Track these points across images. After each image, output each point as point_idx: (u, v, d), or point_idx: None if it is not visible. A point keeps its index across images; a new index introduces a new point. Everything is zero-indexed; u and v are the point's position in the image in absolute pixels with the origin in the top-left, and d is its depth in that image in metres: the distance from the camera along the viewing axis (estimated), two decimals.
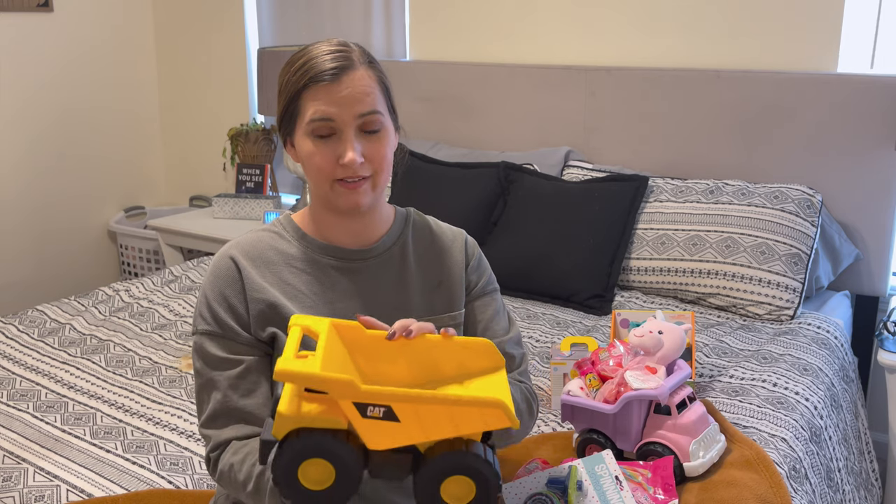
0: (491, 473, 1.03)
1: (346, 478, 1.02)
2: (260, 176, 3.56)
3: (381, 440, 1.02)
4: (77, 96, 3.68)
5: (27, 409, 1.95)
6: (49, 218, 3.65)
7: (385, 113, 1.26)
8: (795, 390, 1.97)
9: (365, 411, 1.00)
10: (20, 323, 2.43)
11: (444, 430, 1.02)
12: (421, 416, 1.00)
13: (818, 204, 2.48)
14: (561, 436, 1.74)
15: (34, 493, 1.60)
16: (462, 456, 1.03)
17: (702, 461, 1.56)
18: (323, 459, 1.01)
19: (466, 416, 1.01)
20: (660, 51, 2.84)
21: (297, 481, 1.02)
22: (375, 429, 1.01)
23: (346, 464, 1.02)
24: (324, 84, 1.21)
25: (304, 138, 1.25)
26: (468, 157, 2.98)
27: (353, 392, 0.99)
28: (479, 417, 1.01)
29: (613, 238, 2.55)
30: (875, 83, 2.49)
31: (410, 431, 1.01)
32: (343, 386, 0.99)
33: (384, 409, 1.00)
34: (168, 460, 1.72)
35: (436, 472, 1.03)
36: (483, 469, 1.03)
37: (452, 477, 1.03)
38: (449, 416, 1.01)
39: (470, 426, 1.02)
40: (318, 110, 1.22)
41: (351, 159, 1.21)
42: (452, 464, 1.03)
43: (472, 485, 1.03)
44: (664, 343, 1.63)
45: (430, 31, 3.27)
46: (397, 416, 1.00)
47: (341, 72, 1.22)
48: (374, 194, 1.27)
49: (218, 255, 1.32)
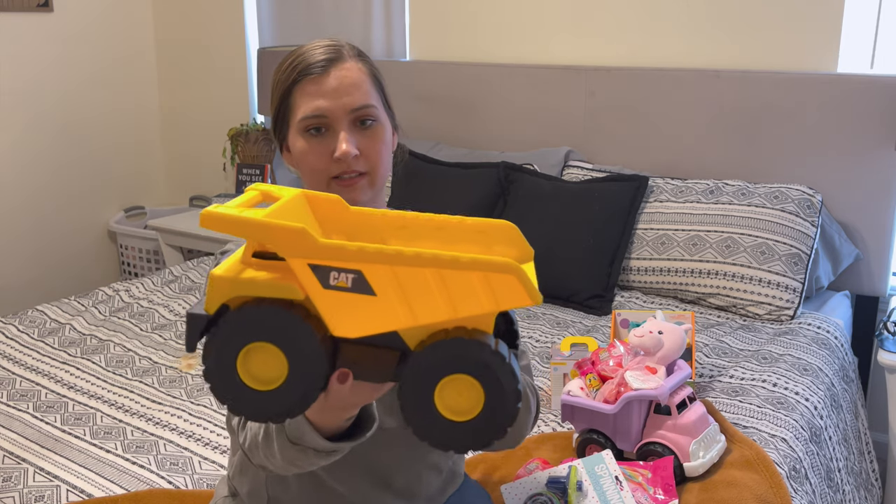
0: (505, 373, 0.73)
1: (302, 373, 0.75)
2: (260, 176, 3.56)
3: (349, 323, 0.74)
4: (77, 96, 3.68)
5: (27, 409, 1.95)
6: (49, 218, 3.64)
7: (379, 107, 1.24)
8: (795, 390, 1.97)
9: (327, 279, 0.73)
10: (20, 323, 2.43)
11: (437, 310, 0.73)
12: (404, 286, 0.73)
13: (818, 204, 2.48)
14: (561, 436, 1.74)
15: (34, 494, 1.60)
16: (461, 345, 0.73)
17: (702, 461, 1.56)
18: (271, 344, 0.74)
19: (466, 287, 0.72)
20: (660, 51, 2.84)
21: (235, 376, 0.75)
22: (342, 306, 0.73)
23: (303, 350, 0.74)
24: (313, 77, 1.20)
25: (297, 137, 1.22)
26: (468, 157, 2.98)
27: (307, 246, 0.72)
28: (484, 290, 0.72)
29: (613, 238, 2.55)
30: (875, 83, 2.49)
31: (391, 311, 0.73)
32: (292, 236, 0.72)
33: (353, 275, 0.72)
34: (168, 460, 1.72)
35: (426, 370, 0.74)
36: (493, 363, 0.73)
37: (451, 377, 0.74)
38: (443, 288, 0.73)
39: (473, 304, 0.73)
40: (309, 106, 1.19)
41: (344, 151, 1.18)
42: (448, 356, 0.74)
43: (478, 388, 0.74)
44: (664, 343, 1.63)
45: (430, 31, 3.27)
46: (371, 287, 0.73)
47: (330, 64, 1.20)
48: (371, 192, 1.24)
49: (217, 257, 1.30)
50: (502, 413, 0.75)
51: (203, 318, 0.76)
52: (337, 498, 1.24)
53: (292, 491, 1.25)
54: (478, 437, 0.76)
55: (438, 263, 0.72)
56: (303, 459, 0.99)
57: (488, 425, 0.75)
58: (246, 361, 0.75)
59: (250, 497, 1.28)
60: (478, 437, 0.76)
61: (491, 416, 0.75)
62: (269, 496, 1.27)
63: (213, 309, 0.76)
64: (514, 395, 0.74)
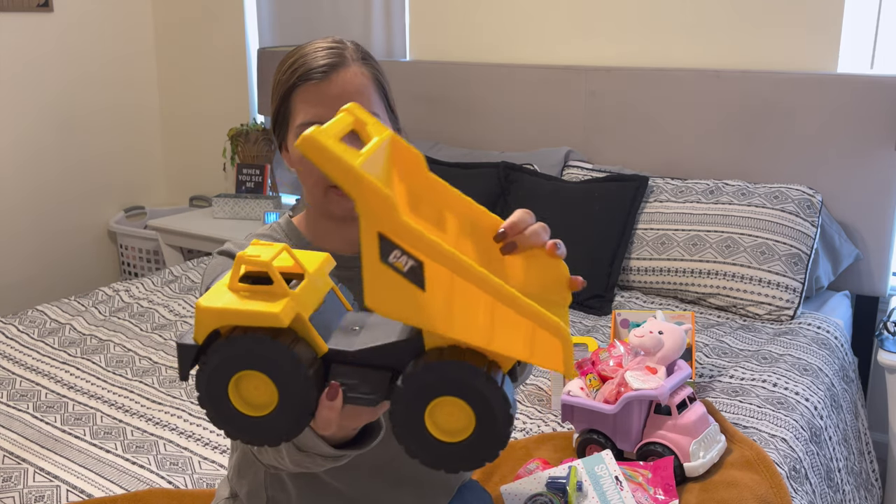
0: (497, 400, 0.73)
1: (292, 399, 0.76)
2: (260, 176, 3.56)
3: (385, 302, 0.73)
4: (77, 96, 3.68)
5: (27, 409, 1.95)
6: (49, 218, 3.64)
7: (382, 113, 1.21)
8: (795, 390, 1.97)
9: (388, 254, 0.71)
10: (20, 323, 2.42)
11: (473, 334, 0.73)
12: (455, 297, 0.72)
13: (818, 204, 2.48)
14: (561, 436, 1.74)
15: (34, 494, 1.60)
16: (458, 368, 0.73)
17: (702, 461, 1.56)
18: (259, 372, 0.75)
19: (512, 328, 0.72)
20: (660, 51, 2.84)
21: (228, 404, 0.76)
22: (387, 284, 0.72)
23: (290, 378, 0.75)
24: (313, 83, 1.16)
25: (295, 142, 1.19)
26: (468, 157, 2.98)
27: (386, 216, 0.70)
28: (525, 339, 0.72)
29: (613, 238, 2.55)
30: (875, 83, 2.49)
31: (429, 312, 0.72)
32: (378, 199, 0.70)
33: (414, 262, 0.71)
34: (168, 460, 1.72)
35: (419, 388, 0.74)
36: (486, 391, 0.72)
37: (442, 398, 0.73)
38: (489, 317, 0.72)
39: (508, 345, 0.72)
40: (309, 113, 1.16)
41: None
42: (443, 377, 0.73)
43: (468, 411, 0.73)
44: (664, 343, 1.63)
45: (429, 30, 3.27)
46: (424, 281, 0.72)
47: (332, 69, 1.16)
48: None
49: (214, 257, 1.25)
50: (494, 437, 0.74)
51: (193, 348, 0.77)
52: (336, 495, 1.24)
53: (291, 492, 1.25)
54: (468, 458, 0.76)
55: (498, 294, 0.71)
56: (311, 463, 1.00)
57: (479, 447, 0.75)
58: (238, 388, 0.76)
59: (249, 498, 1.28)
60: (468, 459, 0.76)
61: (482, 439, 0.75)
62: (268, 497, 1.26)
63: (202, 339, 0.76)
64: (506, 419, 0.74)
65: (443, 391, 0.73)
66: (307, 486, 1.23)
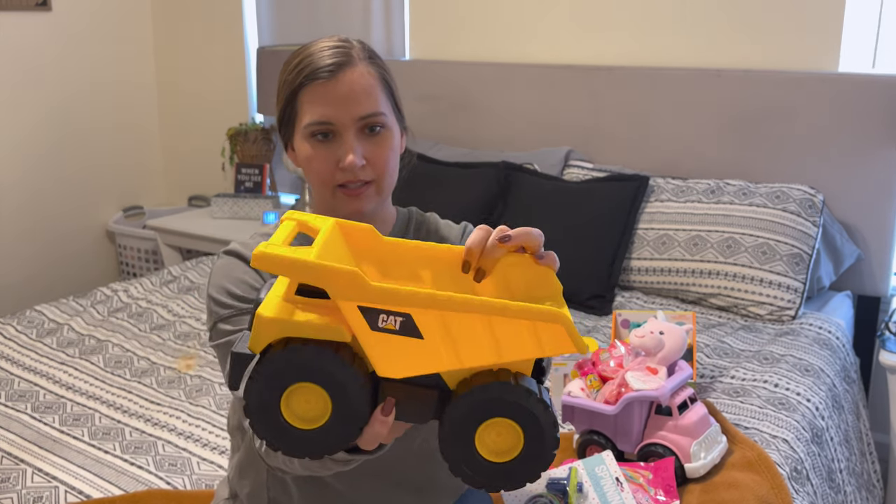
0: (546, 419, 0.75)
1: (346, 414, 0.76)
2: (259, 176, 3.55)
3: (396, 364, 0.76)
4: (75, 96, 3.67)
5: (25, 409, 1.94)
6: (47, 218, 3.63)
7: (388, 113, 1.20)
8: (797, 391, 1.96)
9: (376, 321, 0.74)
10: (18, 323, 2.42)
11: (483, 355, 0.75)
12: (452, 330, 0.74)
13: (820, 204, 2.47)
14: (561, 437, 1.73)
15: (33, 495, 1.59)
16: (507, 389, 0.75)
17: (703, 462, 1.55)
18: (315, 385, 0.75)
19: (514, 334, 0.74)
20: (660, 50, 2.83)
21: (278, 415, 0.76)
22: (389, 347, 0.75)
23: (348, 392, 0.75)
24: (321, 82, 1.15)
25: (302, 142, 1.18)
26: (468, 157, 2.97)
27: (358, 288, 0.73)
28: (531, 337, 0.74)
29: (614, 238, 2.55)
30: (876, 83, 2.49)
31: (437, 354, 0.75)
32: (344, 278, 0.73)
33: (402, 318, 0.73)
34: (166, 461, 1.71)
35: (469, 412, 0.75)
36: (536, 410, 0.74)
37: (492, 420, 0.75)
38: (490, 333, 0.74)
39: (519, 350, 0.74)
40: (316, 113, 1.15)
41: (351, 162, 1.14)
42: (493, 400, 0.75)
43: (519, 432, 0.75)
44: (665, 344, 1.63)
45: (429, 30, 3.27)
46: (419, 330, 0.74)
47: (339, 69, 1.15)
48: (378, 200, 1.21)
49: (220, 257, 1.23)
50: (540, 457, 0.77)
51: (249, 357, 0.77)
52: (337, 497, 1.23)
53: (293, 493, 1.24)
54: (512, 478, 0.78)
55: (488, 310, 0.73)
56: (321, 468, 1.00)
57: (524, 468, 0.77)
58: (289, 400, 0.76)
59: (251, 499, 1.28)
60: (512, 479, 0.78)
61: (528, 460, 0.77)
62: (270, 497, 1.26)
63: (260, 349, 0.76)
64: (553, 440, 0.76)
65: (497, 413, 0.75)
66: (309, 487, 1.23)
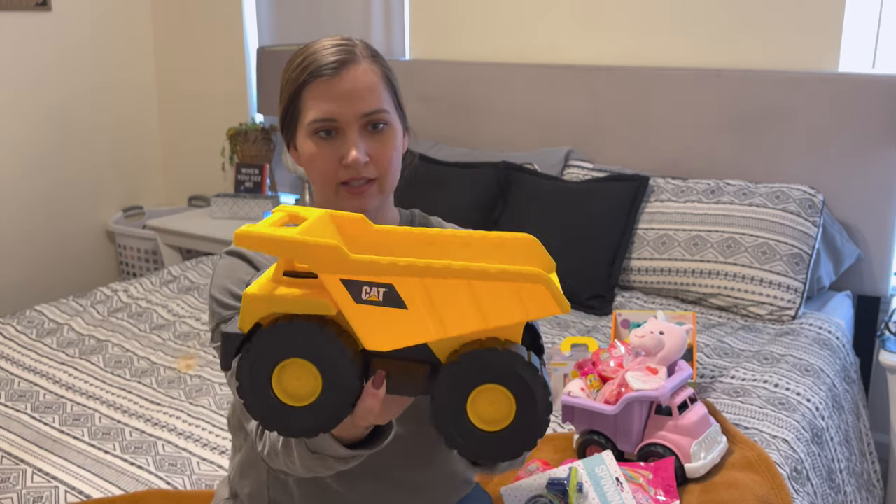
0: (538, 384, 0.75)
1: (336, 388, 0.77)
2: (259, 176, 3.55)
3: (382, 336, 0.77)
4: (75, 96, 3.67)
5: (25, 409, 1.94)
6: (47, 218, 3.63)
7: (391, 111, 1.20)
8: (797, 391, 1.96)
9: (359, 293, 0.75)
10: (18, 323, 2.42)
11: (468, 321, 0.75)
12: (434, 299, 0.75)
13: (820, 204, 2.47)
14: (561, 437, 1.74)
15: (33, 495, 1.59)
16: (496, 356, 0.75)
17: (703, 462, 1.55)
18: (304, 360, 0.76)
19: (496, 297, 0.74)
20: (660, 50, 2.83)
21: (269, 392, 0.77)
22: (374, 320, 0.76)
23: (337, 366, 0.76)
24: (324, 79, 1.15)
25: (305, 139, 1.18)
26: (468, 157, 2.97)
27: (339, 262, 0.74)
28: (513, 300, 0.74)
29: (614, 238, 2.55)
30: (876, 82, 2.49)
31: (422, 323, 0.76)
32: (326, 252, 0.74)
33: (384, 289, 0.75)
34: (166, 461, 1.71)
35: (458, 380, 0.76)
36: (526, 375, 0.75)
37: (483, 387, 0.76)
38: (472, 299, 0.75)
39: (503, 315, 0.75)
40: (320, 110, 1.15)
41: (354, 158, 1.14)
42: (482, 366, 0.75)
43: (510, 399, 0.76)
44: (665, 344, 1.63)
45: (429, 30, 3.27)
46: (403, 300, 0.75)
47: (342, 66, 1.15)
48: (381, 198, 1.21)
49: (222, 257, 1.23)
50: (534, 423, 0.76)
51: (238, 337, 0.78)
52: (338, 498, 1.23)
53: (294, 493, 1.24)
54: (508, 447, 0.78)
55: (468, 275, 0.74)
56: (322, 467, 1.00)
57: (519, 436, 0.77)
58: (280, 378, 0.77)
59: (251, 499, 1.28)
60: (508, 448, 0.78)
61: (522, 427, 0.76)
62: (270, 498, 1.26)
63: (248, 327, 0.77)
64: (545, 405, 0.76)
65: (486, 379, 0.75)
66: (310, 488, 1.23)
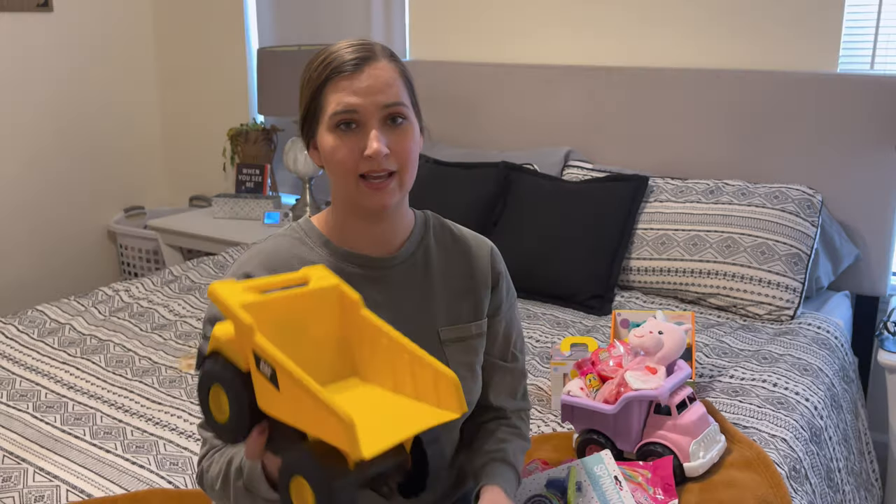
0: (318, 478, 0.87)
1: (236, 418, 0.95)
2: (260, 176, 3.56)
3: (264, 402, 0.93)
4: (77, 96, 3.68)
5: (27, 409, 1.95)
6: (49, 218, 3.64)
7: (409, 107, 1.23)
8: (795, 390, 1.97)
9: (258, 364, 0.91)
10: (20, 323, 2.42)
11: (306, 422, 0.89)
12: (295, 394, 0.88)
13: (818, 204, 2.48)
14: (561, 436, 1.74)
15: (34, 494, 1.60)
16: (292, 453, 0.91)
17: (702, 461, 1.56)
18: (221, 388, 0.96)
19: (316, 415, 0.86)
20: (660, 51, 2.83)
21: (207, 406, 0.98)
22: (262, 388, 0.92)
23: (240, 402, 0.94)
24: (345, 75, 1.18)
25: (326, 134, 1.20)
26: (468, 157, 2.97)
27: (248, 337, 0.91)
28: (324, 423, 0.86)
29: (613, 238, 2.55)
30: (875, 83, 2.49)
31: (285, 407, 0.90)
32: (241, 327, 0.92)
33: (271, 369, 0.90)
34: (168, 460, 1.72)
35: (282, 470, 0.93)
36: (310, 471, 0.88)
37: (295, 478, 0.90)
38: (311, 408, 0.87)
39: (316, 429, 0.87)
40: (341, 102, 1.18)
41: (375, 150, 1.16)
42: (287, 461, 0.92)
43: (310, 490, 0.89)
44: (664, 343, 1.63)
45: (429, 30, 3.27)
46: (278, 384, 0.89)
47: (363, 62, 1.19)
48: (400, 194, 1.22)
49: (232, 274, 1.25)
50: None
51: (202, 356, 1.00)
52: None
53: None
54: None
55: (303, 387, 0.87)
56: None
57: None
58: (213, 395, 0.97)
59: None
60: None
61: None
62: None
63: (208, 352, 0.99)
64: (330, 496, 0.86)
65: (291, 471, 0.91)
66: None
